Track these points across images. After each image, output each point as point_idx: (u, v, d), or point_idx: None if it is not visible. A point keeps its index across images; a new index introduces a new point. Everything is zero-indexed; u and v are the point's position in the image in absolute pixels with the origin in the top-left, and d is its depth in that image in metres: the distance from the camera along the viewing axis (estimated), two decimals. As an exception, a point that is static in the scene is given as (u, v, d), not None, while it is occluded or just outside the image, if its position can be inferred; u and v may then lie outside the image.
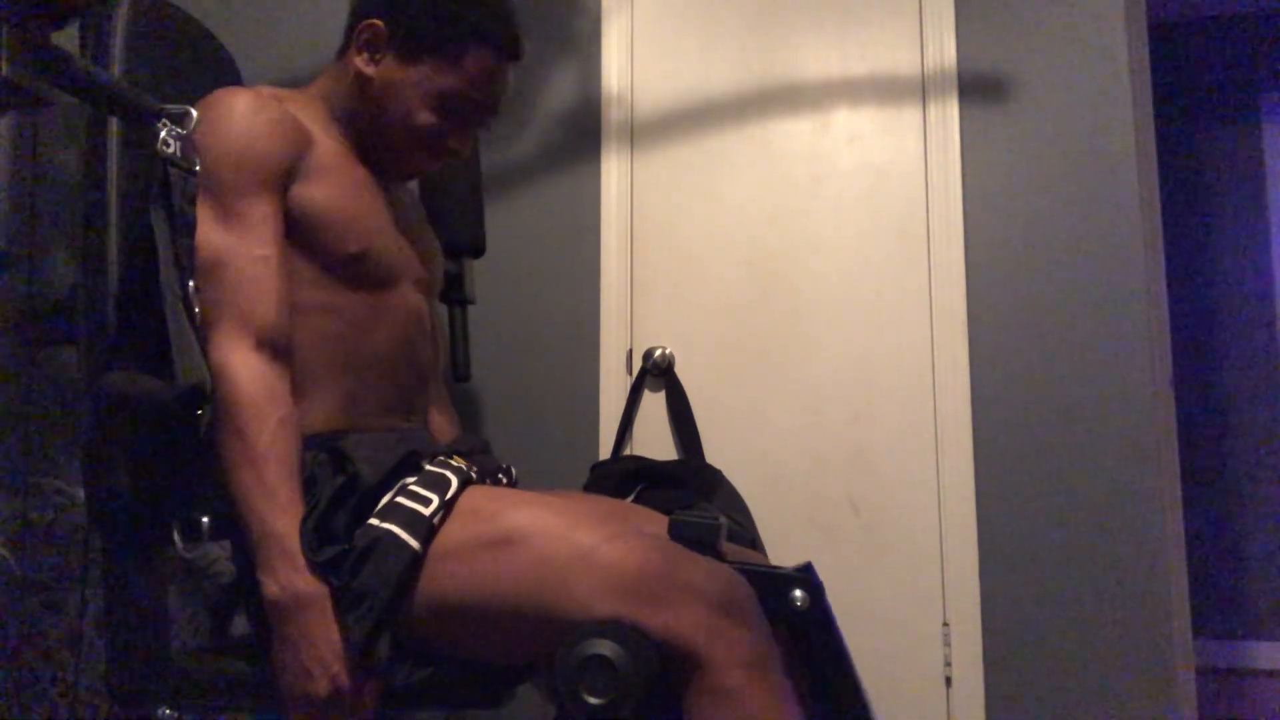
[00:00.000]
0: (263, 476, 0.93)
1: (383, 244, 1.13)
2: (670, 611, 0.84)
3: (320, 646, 0.90)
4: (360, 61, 1.15)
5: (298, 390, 1.03)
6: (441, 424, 1.33)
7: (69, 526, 1.33)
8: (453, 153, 1.20)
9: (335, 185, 1.09)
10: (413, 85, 1.14)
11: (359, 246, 1.09)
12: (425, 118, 1.15)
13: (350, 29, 1.18)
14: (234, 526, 0.96)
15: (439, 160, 1.21)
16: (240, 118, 1.02)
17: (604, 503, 1.18)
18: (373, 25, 1.14)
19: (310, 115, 1.13)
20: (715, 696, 0.83)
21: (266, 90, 1.09)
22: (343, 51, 1.19)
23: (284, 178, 1.04)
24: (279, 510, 0.92)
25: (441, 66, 1.14)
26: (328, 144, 1.12)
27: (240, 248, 0.99)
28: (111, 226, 1.04)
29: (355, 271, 1.09)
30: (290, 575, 0.91)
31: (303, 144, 1.07)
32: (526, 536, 0.91)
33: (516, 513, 0.94)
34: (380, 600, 0.89)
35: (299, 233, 1.06)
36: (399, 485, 0.97)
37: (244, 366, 0.96)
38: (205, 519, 0.97)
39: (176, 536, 0.96)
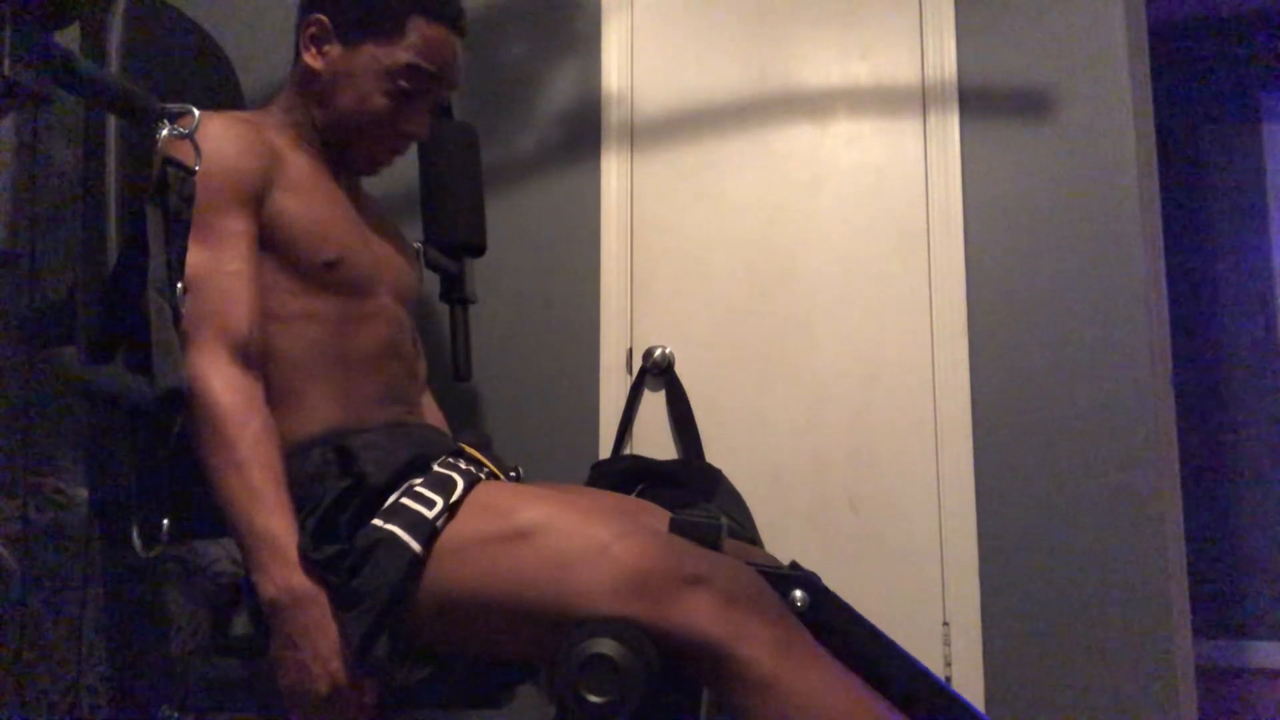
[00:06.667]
0: (249, 481, 0.93)
1: (356, 252, 1.15)
2: (683, 607, 0.84)
3: (319, 644, 0.90)
4: (309, 58, 1.18)
5: (292, 396, 1.06)
6: (436, 425, 1.33)
7: (69, 526, 1.32)
8: (409, 135, 1.21)
9: (307, 198, 1.12)
10: (361, 69, 1.16)
11: (334, 254, 1.11)
12: (377, 100, 1.17)
13: (298, 31, 1.19)
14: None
15: (398, 145, 1.23)
16: (212, 140, 1.03)
17: (613, 498, 1.18)
18: (316, 20, 1.17)
19: (280, 133, 1.16)
20: (753, 690, 0.83)
21: (238, 114, 1.11)
22: (296, 57, 1.21)
23: (257, 195, 1.06)
24: (267, 512, 0.93)
25: (384, 44, 1.16)
26: (298, 160, 1.14)
27: (214, 264, 1.00)
28: (111, 226, 1.04)
29: (331, 279, 1.11)
30: (285, 574, 0.91)
31: (273, 162, 1.09)
32: (540, 531, 0.92)
33: (530, 508, 0.94)
34: (379, 600, 0.89)
35: (275, 244, 1.08)
36: (405, 486, 0.98)
37: (220, 377, 0.96)
38: (165, 521, 0.96)
39: (136, 539, 0.96)
